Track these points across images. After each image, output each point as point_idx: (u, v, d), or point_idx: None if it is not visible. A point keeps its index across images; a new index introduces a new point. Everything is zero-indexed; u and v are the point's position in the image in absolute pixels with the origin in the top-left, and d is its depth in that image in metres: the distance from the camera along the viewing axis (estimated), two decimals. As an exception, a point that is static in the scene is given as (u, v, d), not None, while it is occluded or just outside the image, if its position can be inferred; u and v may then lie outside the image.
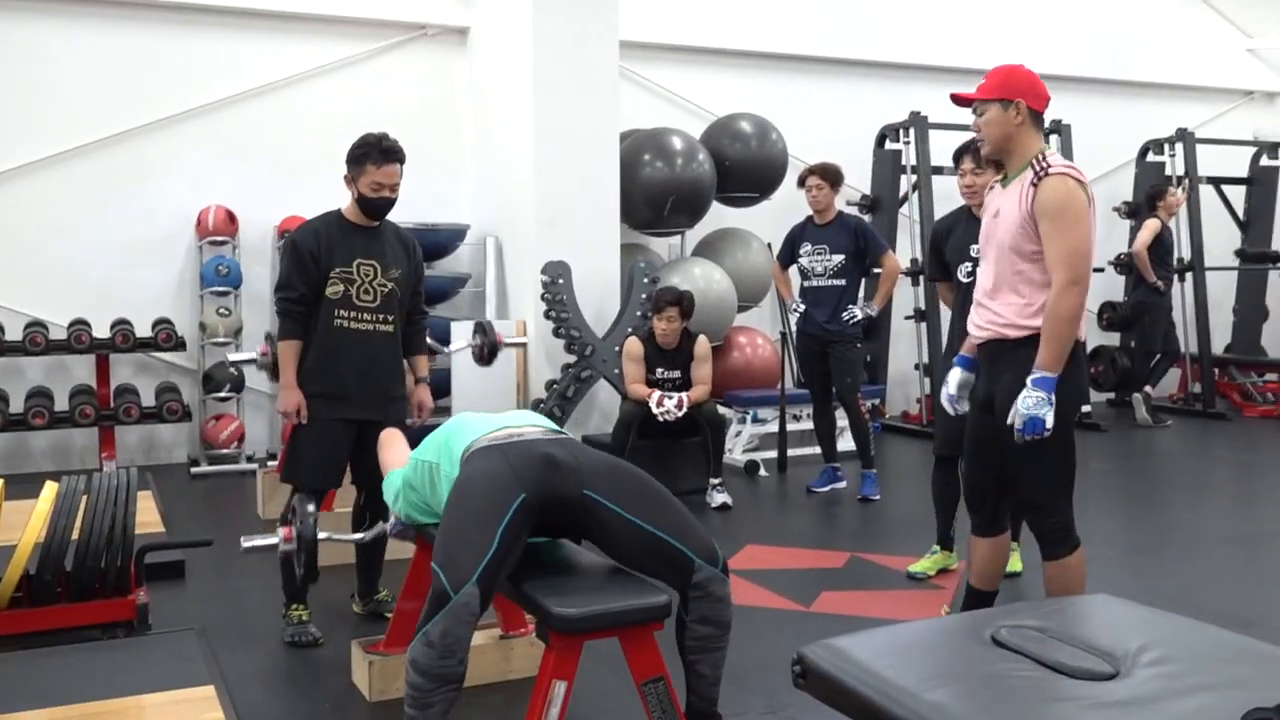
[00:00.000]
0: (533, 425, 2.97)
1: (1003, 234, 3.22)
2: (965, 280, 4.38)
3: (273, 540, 3.43)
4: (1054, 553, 3.31)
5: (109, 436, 6.63)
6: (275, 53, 7.30)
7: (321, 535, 3.36)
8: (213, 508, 6.07)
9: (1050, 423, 3.07)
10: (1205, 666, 1.82)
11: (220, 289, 6.97)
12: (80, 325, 6.49)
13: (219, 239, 7.03)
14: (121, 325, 6.58)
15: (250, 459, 6.96)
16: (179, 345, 6.69)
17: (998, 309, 3.26)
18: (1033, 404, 3.07)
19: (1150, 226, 8.51)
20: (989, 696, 1.73)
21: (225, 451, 6.88)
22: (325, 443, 3.83)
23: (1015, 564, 4.54)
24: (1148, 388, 8.74)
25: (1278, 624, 3.87)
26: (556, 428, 3.04)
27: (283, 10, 7.23)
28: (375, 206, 3.86)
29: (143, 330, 6.65)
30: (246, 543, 3.46)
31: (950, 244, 4.56)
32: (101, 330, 6.59)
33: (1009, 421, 3.14)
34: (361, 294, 3.82)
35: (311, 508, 3.36)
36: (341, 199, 6.67)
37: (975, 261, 4.29)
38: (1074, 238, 3.08)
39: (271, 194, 7.25)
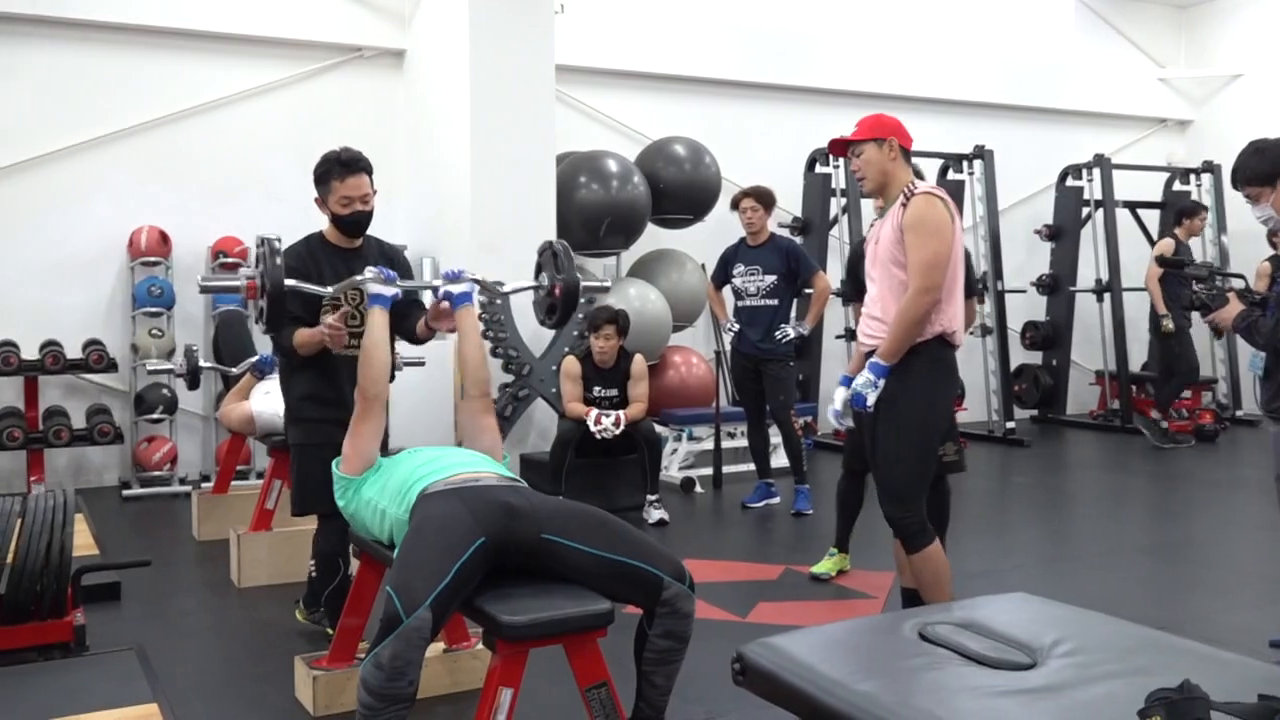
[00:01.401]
0: (487, 470, 3.03)
1: (883, 252, 3.55)
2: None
3: (234, 281, 3.43)
4: (915, 544, 3.58)
5: (38, 459, 6.54)
6: (210, 73, 7.30)
7: (290, 282, 3.34)
8: (146, 530, 6.01)
9: (871, 401, 3.47)
10: (1114, 656, 1.94)
11: (153, 310, 6.94)
12: (8, 347, 6.42)
13: (152, 260, 7.00)
14: (51, 347, 6.51)
15: (183, 481, 6.90)
16: (110, 367, 6.63)
17: (882, 319, 3.54)
18: (862, 383, 3.50)
19: (1164, 245, 8.41)
20: (915, 685, 1.84)
21: (158, 474, 6.82)
22: (327, 469, 3.48)
23: (835, 565, 4.88)
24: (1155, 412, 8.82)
25: (1190, 628, 4.06)
26: (509, 473, 3.10)
27: (218, 31, 7.23)
28: (350, 223, 3.75)
29: (73, 352, 6.58)
30: (204, 282, 3.49)
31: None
32: (30, 352, 6.51)
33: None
34: (349, 320, 3.68)
35: (278, 245, 3.31)
36: (275, 219, 6.72)
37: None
38: (931, 249, 3.41)
39: (205, 215, 7.25)
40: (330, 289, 3.61)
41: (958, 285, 3.53)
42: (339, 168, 3.70)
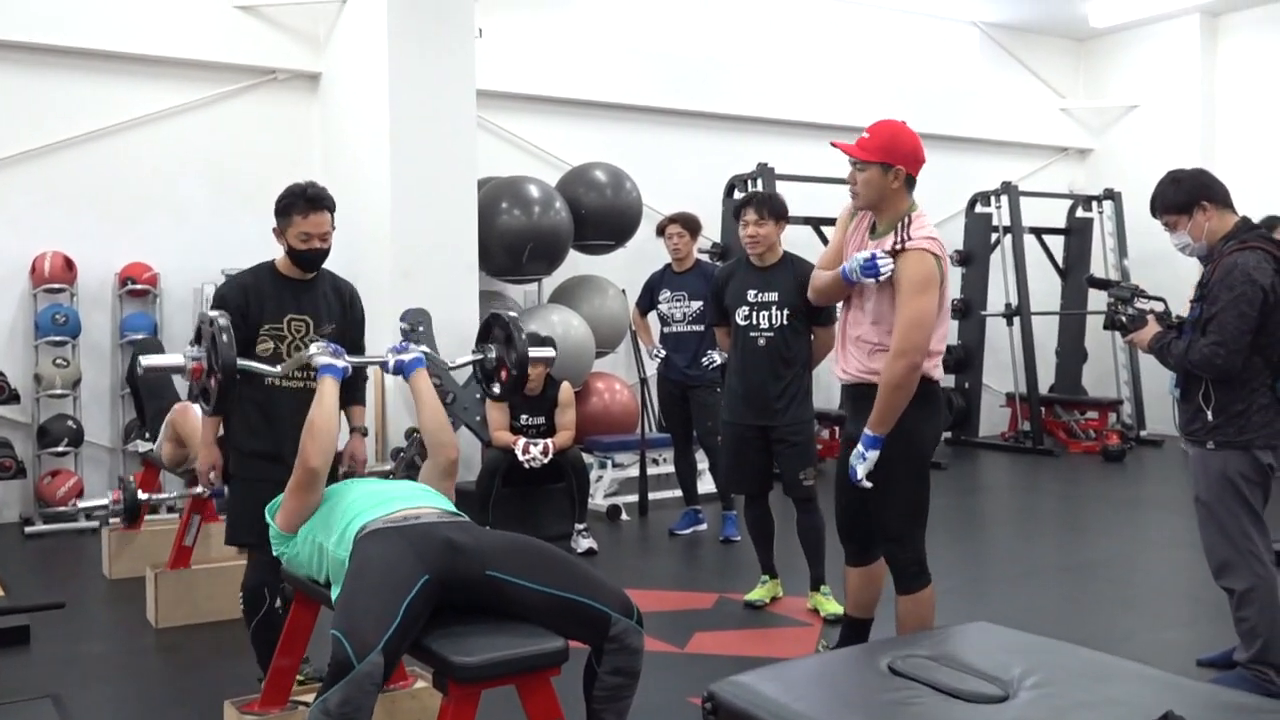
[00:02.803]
0: (428, 506, 2.95)
1: (871, 285, 3.40)
2: (742, 323, 4.75)
3: (176, 360, 3.25)
4: (909, 586, 3.50)
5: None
6: (119, 95, 7.07)
7: (243, 363, 3.20)
8: (53, 568, 5.76)
9: (861, 474, 3.33)
10: (1083, 686, 1.96)
11: (57, 339, 6.67)
12: (-99, 378, 6.10)
13: (56, 286, 6.73)
14: (-52, 378, 6.21)
15: (90, 516, 6.63)
16: (13, 398, 6.34)
17: (869, 357, 3.43)
18: (854, 455, 3.37)
19: None
20: (894, 723, 1.83)
21: (62, 509, 6.54)
22: (262, 502, 3.41)
23: (833, 606, 4.65)
24: None
25: (1118, 648, 4.14)
26: (451, 507, 3.03)
27: (127, 52, 7.01)
28: (306, 259, 3.64)
29: (-28, 383, 6.29)
30: (146, 361, 3.30)
31: (730, 290, 4.86)
32: (-75, 383, 6.21)
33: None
34: (292, 350, 3.60)
35: (226, 322, 3.16)
36: (184, 244, 6.53)
37: (751, 306, 4.72)
38: (914, 309, 3.27)
39: (112, 240, 7.01)
40: (279, 369, 3.50)
41: (941, 327, 3.41)
42: (303, 203, 3.59)
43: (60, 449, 6.55)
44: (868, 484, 3.36)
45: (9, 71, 6.77)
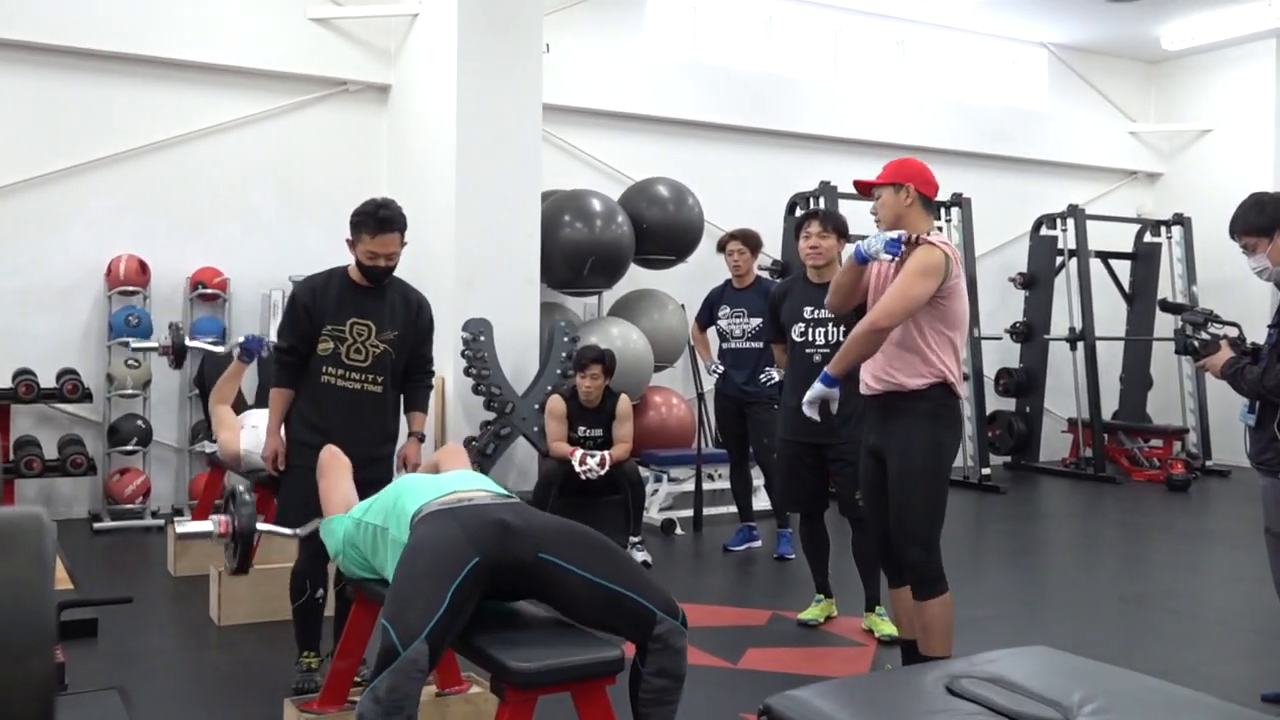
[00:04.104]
0: (482, 489, 2.99)
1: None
2: (798, 340, 4.80)
3: (207, 527, 3.44)
4: (930, 590, 3.57)
5: (9, 489, 6.39)
6: (195, 104, 7.25)
7: (261, 527, 3.36)
8: (119, 564, 5.89)
9: (809, 411, 3.65)
10: (1146, 714, 1.94)
11: (130, 339, 6.82)
12: (-20, 375, 6.29)
13: (130, 289, 6.91)
14: (24, 375, 6.39)
15: (155, 514, 6.77)
16: (86, 397, 6.51)
17: (891, 364, 3.56)
18: (809, 395, 3.64)
19: None
20: (952, 743, 1.82)
21: (130, 507, 6.70)
22: (312, 493, 3.63)
23: (888, 627, 4.59)
24: None
25: (1179, 680, 4.06)
26: (504, 491, 3.06)
27: (204, 62, 7.20)
28: (371, 274, 3.84)
29: (47, 381, 6.47)
30: (181, 528, 3.51)
31: (786, 307, 4.92)
32: (2, 380, 6.39)
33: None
34: (352, 353, 3.81)
35: (249, 498, 3.34)
36: (254, 250, 6.71)
37: (807, 322, 4.75)
38: (907, 285, 3.45)
39: (185, 245, 7.18)
40: (301, 531, 3.71)
41: (961, 339, 3.61)
42: (373, 224, 3.76)
43: (129, 448, 6.71)
44: (815, 416, 3.67)
45: (90, 80, 6.97)
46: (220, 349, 5.65)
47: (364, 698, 2.48)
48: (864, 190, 3.73)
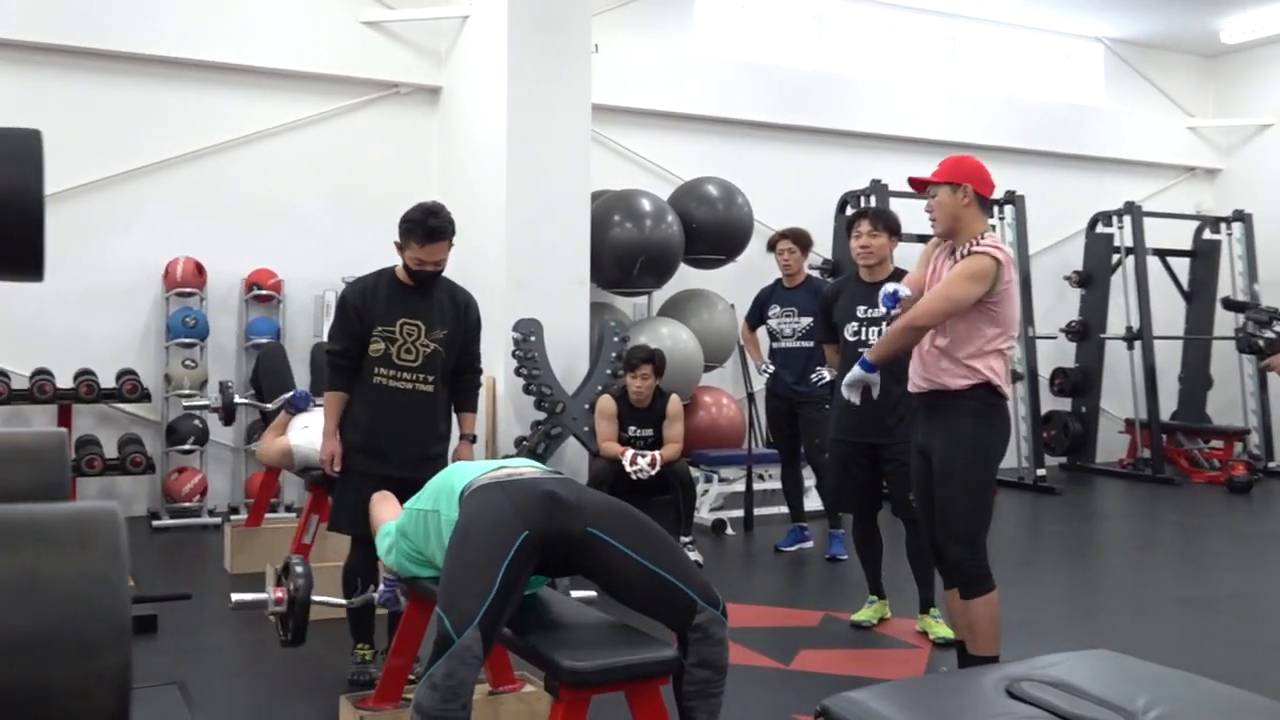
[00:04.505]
0: (531, 466, 3.01)
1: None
2: (851, 339, 4.77)
3: (263, 597, 3.43)
4: (975, 589, 3.56)
5: (71, 487, 6.51)
6: (249, 107, 7.34)
7: (315, 598, 3.36)
8: (177, 562, 5.98)
9: (847, 394, 3.77)
10: None
11: (187, 340, 6.94)
12: (43, 375, 6.41)
13: (186, 290, 7.01)
14: (85, 376, 6.50)
15: (212, 513, 6.87)
16: (144, 397, 6.62)
17: (936, 365, 3.58)
18: (849, 378, 3.76)
19: None
20: (1014, 747, 1.80)
21: (187, 505, 6.80)
22: (363, 493, 3.73)
23: (943, 630, 4.53)
24: None
25: (1237, 683, 3.98)
26: (553, 469, 3.08)
27: (257, 66, 7.29)
28: (419, 278, 3.89)
29: (106, 381, 6.58)
30: (236, 598, 3.46)
31: (839, 307, 4.89)
32: (64, 380, 6.52)
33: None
34: (402, 353, 3.85)
35: (301, 569, 3.36)
36: (307, 252, 6.79)
37: (861, 322, 4.71)
38: (952, 289, 3.48)
39: (240, 247, 7.27)
40: (356, 602, 3.77)
41: (1009, 342, 3.62)
42: (422, 233, 3.79)
43: (187, 447, 6.81)
44: (855, 399, 3.76)
45: (147, 85, 7.08)
46: (270, 406, 5.68)
47: (420, 685, 2.51)
48: (919, 187, 3.70)
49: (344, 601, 3.76)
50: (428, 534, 3.02)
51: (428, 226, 3.78)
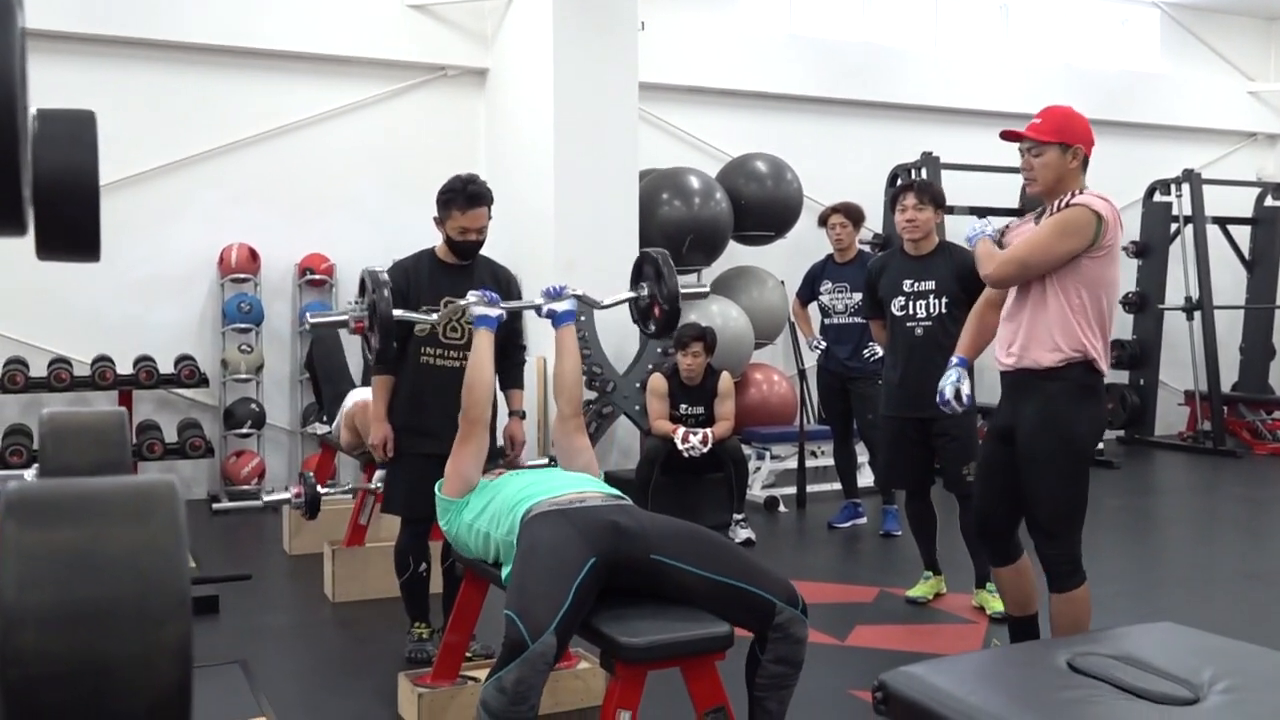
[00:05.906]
0: (592, 490, 3.00)
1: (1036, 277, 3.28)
2: (898, 314, 4.68)
3: (343, 316, 3.61)
4: (1063, 585, 3.33)
5: (131, 465, 6.63)
6: (298, 93, 7.40)
7: (398, 313, 3.43)
8: (237, 544, 6.08)
9: (950, 396, 3.57)
10: (1281, 693, 1.86)
11: (242, 326, 7.03)
12: (104, 362, 6.52)
13: (241, 276, 7.10)
14: (145, 362, 6.62)
15: (270, 495, 6.96)
16: (202, 382, 6.73)
17: (1025, 337, 3.30)
18: (944, 378, 3.62)
19: None
20: (1076, 719, 1.77)
21: (246, 488, 6.90)
22: (414, 474, 3.79)
23: (999, 604, 4.38)
24: None
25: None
26: (615, 491, 3.06)
27: (305, 52, 7.33)
28: (462, 250, 3.90)
29: (165, 367, 6.69)
30: (314, 319, 3.69)
31: (885, 281, 4.78)
32: (125, 367, 6.63)
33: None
34: (448, 331, 3.85)
35: (384, 277, 3.42)
36: (359, 236, 6.83)
37: (907, 296, 4.63)
38: (1044, 239, 3.19)
39: (292, 232, 7.33)
40: (435, 316, 3.73)
41: (1107, 314, 3.28)
42: (463, 199, 3.82)
43: (244, 430, 6.91)
44: (958, 407, 3.57)
45: (200, 74, 7.16)
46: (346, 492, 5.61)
47: (489, 686, 2.50)
48: (1014, 138, 3.39)
49: (428, 318, 3.72)
50: (486, 550, 3.03)
51: (469, 193, 3.80)
